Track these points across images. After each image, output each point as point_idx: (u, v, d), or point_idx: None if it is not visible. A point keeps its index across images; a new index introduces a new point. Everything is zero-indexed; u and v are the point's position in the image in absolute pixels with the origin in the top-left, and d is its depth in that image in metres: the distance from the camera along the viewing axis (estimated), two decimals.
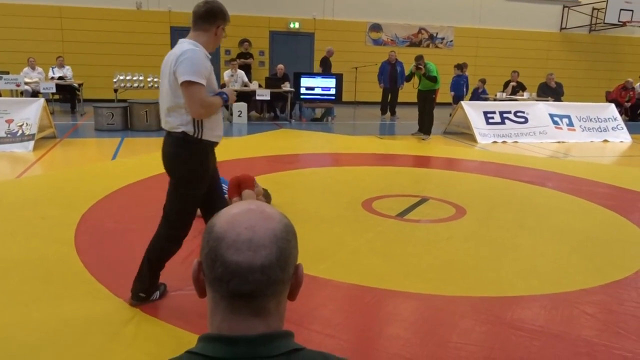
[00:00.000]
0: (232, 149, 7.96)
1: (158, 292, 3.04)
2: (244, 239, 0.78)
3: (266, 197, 4.84)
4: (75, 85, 11.78)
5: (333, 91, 12.03)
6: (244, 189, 4.77)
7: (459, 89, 13.07)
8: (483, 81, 13.40)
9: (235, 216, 0.81)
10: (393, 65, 13.17)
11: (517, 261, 3.80)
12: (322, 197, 4.78)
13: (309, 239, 4.12)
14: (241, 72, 11.88)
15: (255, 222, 0.80)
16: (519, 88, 12.90)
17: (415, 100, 10.06)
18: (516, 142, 9.76)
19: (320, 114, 12.37)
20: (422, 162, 7.59)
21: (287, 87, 11.72)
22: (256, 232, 0.79)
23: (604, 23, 17.10)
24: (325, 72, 12.92)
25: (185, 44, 2.85)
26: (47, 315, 2.81)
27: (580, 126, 10.44)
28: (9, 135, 7.50)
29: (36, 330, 2.66)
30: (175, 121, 2.76)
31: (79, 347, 2.53)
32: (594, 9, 17.70)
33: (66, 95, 12.15)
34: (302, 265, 0.88)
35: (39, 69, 11.74)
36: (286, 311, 0.87)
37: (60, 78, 11.59)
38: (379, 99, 13.50)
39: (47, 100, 10.90)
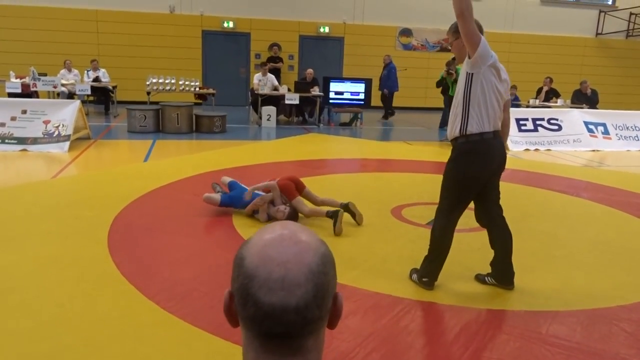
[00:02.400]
0: (261, 153, 8.01)
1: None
2: (276, 278, 0.72)
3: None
4: (110, 87, 12.03)
5: (362, 96, 12.01)
6: (300, 189, 4.74)
7: None
8: (514, 87, 13.18)
9: (266, 249, 0.75)
10: (384, 67, 13.12)
11: (551, 274, 3.71)
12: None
13: (338, 246, 4.11)
14: (271, 76, 11.96)
15: (289, 256, 0.74)
16: (553, 95, 12.65)
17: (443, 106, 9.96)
18: (549, 149, 9.56)
19: (348, 118, 12.35)
20: None
21: (316, 91, 11.74)
22: (290, 269, 0.73)
23: None
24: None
25: None
26: (81, 315, 2.86)
27: (616, 134, 10.18)
28: (45, 136, 7.69)
29: (71, 330, 2.71)
30: None
31: (111, 348, 2.56)
32: (631, 14, 17.26)
33: (100, 97, 12.43)
34: (340, 294, 0.82)
35: (75, 71, 12.04)
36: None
37: (94, 80, 11.86)
38: (407, 104, 13.43)
39: (82, 102, 11.18)
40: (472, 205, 3.39)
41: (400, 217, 4.89)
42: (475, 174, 3.15)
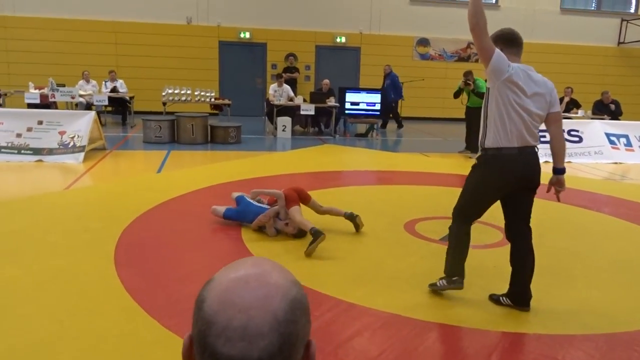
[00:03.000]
0: (275, 164, 7.95)
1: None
2: (236, 326, 0.64)
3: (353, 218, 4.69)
4: (127, 98, 12.12)
5: (378, 107, 11.90)
6: (305, 200, 4.68)
7: None
8: None
9: (228, 292, 0.66)
10: (385, 77, 12.97)
11: (569, 294, 3.55)
12: (364, 217, 4.65)
13: (347, 262, 4.01)
14: (287, 87, 11.93)
15: (252, 301, 0.65)
16: (573, 105, 12.40)
17: (462, 116, 9.81)
18: (569, 162, 9.33)
19: (364, 129, 12.26)
20: None
21: (332, 102, 11.68)
22: (252, 316, 0.64)
23: None
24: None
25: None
26: (80, 332, 2.80)
27: None
28: (61, 147, 7.74)
29: (69, 346, 2.66)
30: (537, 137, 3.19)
31: None
32: None
33: (118, 108, 12.53)
34: (313, 342, 0.72)
35: (93, 82, 12.16)
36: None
37: (112, 91, 11.97)
38: (425, 114, 13.27)
39: (100, 112, 11.30)
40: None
41: (413, 232, 4.77)
42: (489, 185, 3.19)
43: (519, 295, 3.26)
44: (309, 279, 3.49)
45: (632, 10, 17.25)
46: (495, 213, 5.32)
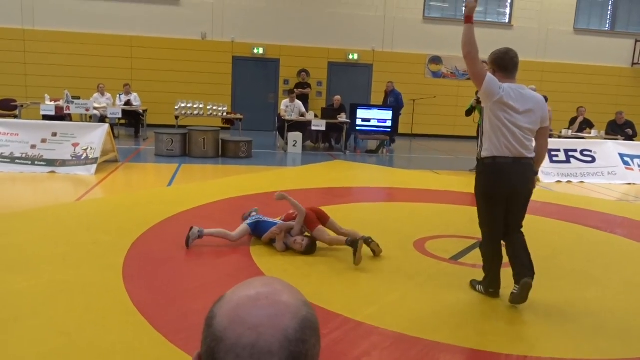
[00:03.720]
0: (285, 180, 7.95)
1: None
2: (245, 344, 0.63)
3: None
4: (140, 111, 12.24)
5: (389, 123, 11.90)
6: (324, 221, 4.63)
7: None
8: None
9: (238, 309, 0.66)
10: (387, 94, 12.93)
11: (582, 318, 3.48)
12: (373, 234, 4.60)
13: (355, 280, 3.97)
14: (299, 103, 11.99)
15: (262, 319, 0.65)
16: (586, 125, 12.30)
17: (474, 134, 9.77)
18: (582, 182, 9.24)
19: (375, 146, 12.25)
20: None
21: (343, 118, 11.70)
22: (262, 334, 0.64)
23: None
24: None
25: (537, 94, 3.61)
26: (87, 346, 2.79)
27: None
28: (74, 158, 7.81)
29: None
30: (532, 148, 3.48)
31: None
32: None
33: (131, 121, 12.65)
34: None
35: (108, 95, 12.31)
36: None
37: (126, 104, 12.10)
38: (436, 132, 13.23)
39: (114, 125, 11.41)
40: None
41: (423, 251, 4.72)
42: (490, 190, 3.51)
43: (520, 276, 3.44)
44: (317, 296, 3.46)
45: None
46: None
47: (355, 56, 15.56)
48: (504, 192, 3.45)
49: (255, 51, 15.02)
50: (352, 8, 15.35)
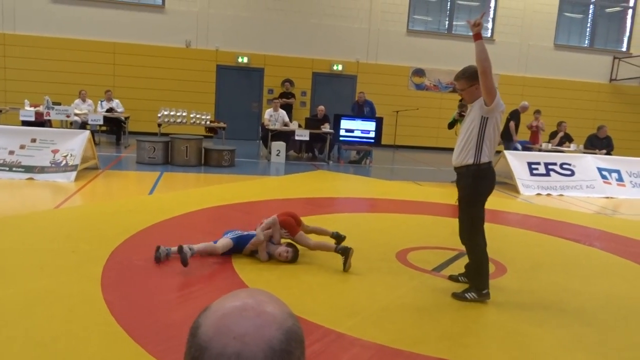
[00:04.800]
0: (269, 189, 7.93)
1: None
2: (230, 353, 0.63)
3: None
4: (122, 118, 12.13)
5: (373, 134, 11.96)
6: (299, 224, 4.68)
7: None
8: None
9: (224, 319, 0.66)
10: (361, 105, 13.01)
11: (561, 329, 3.51)
12: (355, 245, 4.60)
13: (338, 291, 3.96)
14: (282, 112, 12.00)
15: (248, 329, 0.65)
16: (565, 139, 12.52)
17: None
18: (561, 195, 9.38)
19: (357, 156, 12.29)
20: None
21: (326, 128, 11.74)
22: (247, 343, 0.64)
23: None
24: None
25: None
26: (64, 358, 2.73)
27: (631, 182, 9.98)
28: (53, 165, 7.69)
29: None
30: None
31: None
32: None
33: (113, 128, 12.52)
34: None
35: (89, 101, 12.17)
36: None
37: (108, 110, 11.98)
38: (419, 143, 13.33)
39: (95, 132, 11.28)
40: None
41: (405, 262, 4.73)
42: (489, 191, 3.88)
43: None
44: (299, 307, 3.44)
45: (624, 49, 17.60)
46: (493, 245, 5.29)
47: (340, 67, 15.65)
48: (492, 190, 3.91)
49: (240, 60, 15.02)
50: (337, 20, 15.47)
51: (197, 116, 11.48)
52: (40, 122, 10.50)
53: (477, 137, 3.77)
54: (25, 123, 10.24)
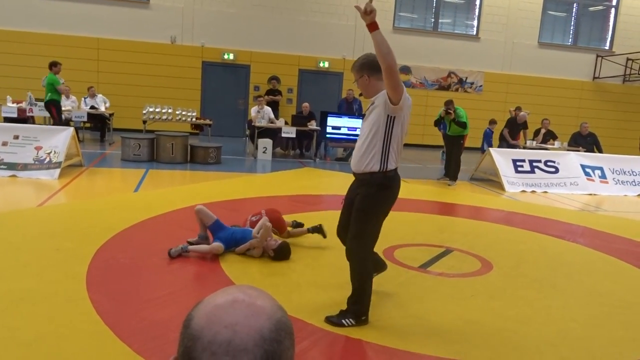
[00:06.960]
0: (255, 186, 7.90)
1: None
2: (221, 341, 0.65)
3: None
4: (106, 114, 12.00)
5: (359, 131, 11.96)
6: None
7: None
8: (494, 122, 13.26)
9: (215, 310, 0.68)
10: (350, 103, 13.06)
11: (546, 325, 3.56)
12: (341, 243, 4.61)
13: (325, 289, 3.96)
14: (268, 109, 11.96)
15: (238, 318, 0.67)
16: (550, 136, 12.66)
17: (441, 143, 9.93)
18: (546, 192, 9.48)
19: (344, 153, 12.30)
20: (447, 209, 7.39)
21: (313, 125, 11.73)
22: (237, 332, 0.66)
23: (639, 74, 16.85)
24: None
25: None
26: (48, 357, 2.69)
27: (614, 179, 10.12)
28: (36, 162, 7.58)
29: None
30: None
31: None
32: (628, 59, 17.50)
33: (97, 124, 12.38)
34: None
35: (73, 98, 12.01)
36: None
37: (91, 107, 11.84)
38: (405, 141, 13.32)
39: (79, 128, 11.13)
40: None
41: (392, 259, 4.74)
42: (389, 204, 3.33)
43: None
44: (286, 305, 3.40)
45: (607, 47, 17.83)
46: (473, 240, 5.32)
47: (326, 64, 15.64)
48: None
49: (226, 57, 14.93)
50: (324, 17, 15.44)
51: (183, 113, 11.40)
52: (22, 118, 10.35)
53: (382, 140, 3.18)
54: (8, 119, 10.09)
